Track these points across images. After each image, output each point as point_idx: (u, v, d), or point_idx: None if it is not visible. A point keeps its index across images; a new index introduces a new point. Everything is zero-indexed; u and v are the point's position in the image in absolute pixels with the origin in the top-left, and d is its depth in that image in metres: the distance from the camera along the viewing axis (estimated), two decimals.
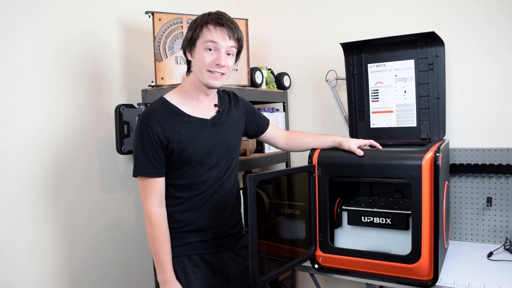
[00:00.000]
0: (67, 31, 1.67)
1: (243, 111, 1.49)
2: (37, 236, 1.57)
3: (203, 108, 1.37)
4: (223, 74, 1.30)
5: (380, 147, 1.51)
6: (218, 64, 1.27)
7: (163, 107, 1.32)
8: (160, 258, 1.29)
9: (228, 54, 1.30)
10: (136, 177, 1.30)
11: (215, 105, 1.40)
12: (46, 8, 1.60)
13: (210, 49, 1.27)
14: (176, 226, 1.34)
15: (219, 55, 1.27)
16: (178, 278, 1.31)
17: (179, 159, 1.30)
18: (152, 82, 1.77)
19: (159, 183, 1.30)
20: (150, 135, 1.26)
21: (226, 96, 1.47)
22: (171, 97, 1.34)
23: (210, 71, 1.28)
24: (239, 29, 1.33)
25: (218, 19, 1.27)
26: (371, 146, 1.53)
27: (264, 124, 1.58)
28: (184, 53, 1.34)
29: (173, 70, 1.76)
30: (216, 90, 1.41)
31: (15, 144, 1.50)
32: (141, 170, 1.27)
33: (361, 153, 1.47)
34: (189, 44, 1.30)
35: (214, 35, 1.26)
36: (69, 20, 1.68)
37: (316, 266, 1.58)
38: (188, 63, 1.36)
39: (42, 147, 1.58)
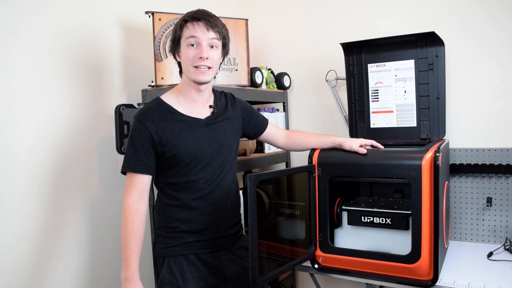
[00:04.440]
0: (67, 32, 1.67)
1: (239, 111, 1.50)
2: (36, 235, 1.57)
3: (198, 108, 1.38)
4: (209, 68, 1.31)
5: (382, 147, 1.51)
6: (201, 57, 1.28)
7: (158, 106, 1.34)
8: (126, 254, 1.26)
9: (212, 47, 1.32)
10: (124, 172, 1.31)
11: (210, 106, 1.40)
12: (45, 8, 1.60)
13: (192, 45, 1.29)
14: (173, 225, 1.35)
15: (201, 48, 1.29)
16: (174, 277, 1.31)
17: (172, 157, 1.31)
18: (152, 82, 1.77)
19: (144, 179, 1.30)
20: (143, 132, 1.28)
21: (223, 97, 1.48)
22: (167, 97, 1.37)
23: (195, 67, 1.29)
24: (220, 21, 1.34)
25: (195, 14, 1.30)
26: (372, 146, 1.53)
27: (262, 124, 1.58)
28: (174, 56, 1.37)
29: (173, 70, 1.76)
30: (210, 88, 1.41)
31: (16, 144, 1.50)
32: (130, 166, 1.28)
33: (364, 151, 1.47)
34: (174, 45, 1.34)
35: (193, 30, 1.29)
36: (69, 21, 1.68)
37: (316, 266, 1.58)
38: (179, 64, 1.39)
39: (42, 147, 1.58)
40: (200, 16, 1.29)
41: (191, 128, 1.34)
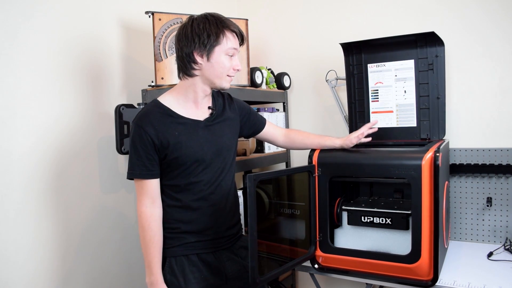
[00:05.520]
0: (67, 32, 1.67)
1: (237, 112, 1.50)
2: (36, 236, 1.57)
3: (198, 110, 1.37)
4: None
5: (374, 125, 1.56)
6: (238, 69, 1.36)
7: (156, 109, 1.32)
8: (148, 259, 1.30)
9: None
10: (131, 179, 1.32)
11: (209, 107, 1.40)
12: (46, 8, 1.60)
13: (231, 55, 1.33)
14: (174, 226, 1.34)
15: (236, 60, 1.35)
16: (176, 278, 1.31)
17: (173, 160, 1.30)
18: (152, 82, 1.77)
19: (152, 184, 1.31)
20: (144, 137, 1.27)
21: (220, 98, 1.48)
22: (165, 99, 1.35)
23: (229, 76, 1.35)
24: None
25: (235, 28, 1.33)
26: (368, 145, 1.53)
27: (260, 123, 1.59)
28: (192, 55, 1.29)
29: (173, 70, 1.76)
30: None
31: (16, 144, 1.51)
32: (135, 172, 1.29)
33: (366, 137, 1.54)
34: (206, 48, 1.28)
35: (234, 42, 1.33)
36: (69, 21, 1.68)
37: (316, 266, 1.58)
38: (188, 63, 1.30)
39: (42, 147, 1.59)
40: (240, 30, 1.35)
41: (191, 130, 1.33)
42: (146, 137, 1.27)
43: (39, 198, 1.58)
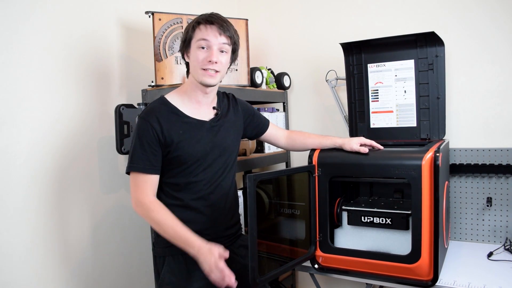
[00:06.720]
0: (67, 32, 1.67)
1: (241, 113, 1.50)
2: (36, 236, 1.57)
3: (202, 110, 1.38)
4: (217, 71, 1.31)
5: (382, 148, 1.50)
6: (210, 61, 1.29)
7: (163, 106, 1.33)
8: (181, 235, 1.23)
9: (222, 52, 1.32)
10: (129, 172, 1.30)
11: (214, 108, 1.41)
12: (46, 8, 1.60)
13: (202, 47, 1.29)
14: None
15: (211, 52, 1.29)
16: (175, 276, 1.31)
17: (175, 158, 1.31)
18: (152, 82, 1.77)
19: (153, 179, 1.30)
20: (150, 131, 1.28)
21: (225, 99, 1.48)
22: (171, 97, 1.36)
23: (204, 69, 1.30)
24: (232, 27, 1.34)
25: (209, 18, 1.30)
26: (372, 147, 1.52)
27: (263, 125, 1.59)
28: (182, 56, 1.37)
29: (173, 70, 1.76)
30: (215, 91, 1.42)
31: (16, 144, 1.50)
32: (138, 166, 1.28)
33: (365, 150, 1.46)
34: (185, 45, 1.34)
35: (205, 33, 1.29)
36: (69, 21, 1.68)
37: (316, 266, 1.58)
38: (187, 64, 1.39)
39: (42, 147, 1.58)
40: (214, 20, 1.30)
41: (195, 130, 1.34)
42: (153, 131, 1.28)
43: (39, 198, 1.58)
